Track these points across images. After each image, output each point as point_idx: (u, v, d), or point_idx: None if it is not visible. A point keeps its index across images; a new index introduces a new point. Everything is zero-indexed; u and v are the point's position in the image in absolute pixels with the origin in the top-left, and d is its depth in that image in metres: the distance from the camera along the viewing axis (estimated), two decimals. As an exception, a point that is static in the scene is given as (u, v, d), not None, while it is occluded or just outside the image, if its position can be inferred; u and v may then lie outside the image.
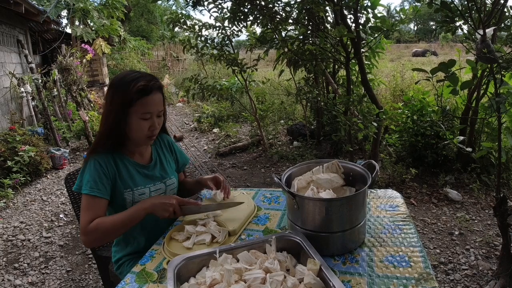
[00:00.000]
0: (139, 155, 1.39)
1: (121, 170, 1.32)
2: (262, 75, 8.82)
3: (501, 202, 1.79)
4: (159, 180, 1.40)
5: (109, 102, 1.25)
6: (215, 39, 4.32)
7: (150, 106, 1.23)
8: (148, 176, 1.38)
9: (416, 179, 3.45)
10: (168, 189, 1.43)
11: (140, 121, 1.24)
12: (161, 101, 1.28)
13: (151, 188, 1.37)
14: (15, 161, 4.00)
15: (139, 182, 1.34)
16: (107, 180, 1.26)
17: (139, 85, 1.20)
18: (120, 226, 1.20)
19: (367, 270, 1.00)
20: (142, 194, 1.34)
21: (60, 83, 5.97)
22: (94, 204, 1.22)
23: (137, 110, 1.22)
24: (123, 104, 1.21)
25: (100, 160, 1.27)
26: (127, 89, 1.20)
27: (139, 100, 1.21)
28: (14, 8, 5.08)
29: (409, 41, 36.84)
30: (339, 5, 2.91)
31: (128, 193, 1.31)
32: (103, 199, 1.24)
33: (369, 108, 3.59)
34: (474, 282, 2.12)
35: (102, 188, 1.24)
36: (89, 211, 1.21)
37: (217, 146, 5.36)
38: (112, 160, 1.30)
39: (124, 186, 1.31)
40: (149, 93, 1.22)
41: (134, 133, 1.27)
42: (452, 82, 1.50)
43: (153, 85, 1.23)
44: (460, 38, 3.30)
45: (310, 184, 1.18)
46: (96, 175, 1.24)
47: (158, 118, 1.29)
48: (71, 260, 2.68)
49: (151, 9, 18.99)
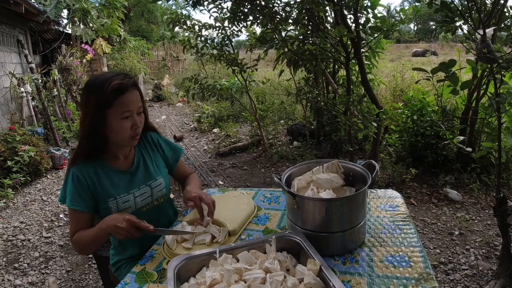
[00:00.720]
0: (124, 159, 1.34)
1: (102, 180, 1.27)
2: (262, 75, 8.82)
3: (501, 202, 1.79)
4: (143, 183, 1.35)
5: (85, 107, 1.21)
6: (215, 39, 4.32)
7: (129, 104, 1.19)
8: (131, 181, 1.33)
9: (416, 179, 3.45)
10: (154, 191, 1.37)
11: (121, 121, 1.19)
12: (138, 98, 1.24)
13: (135, 193, 1.32)
14: (15, 161, 4.00)
15: (122, 189, 1.30)
16: (87, 193, 1.24)
17: (113, 84, 1.16)
18: (91, 242, 1.22)
19: (367, 270, 1.00)
20: (126, 201, 1.30)
21: (60, 83, 5.97)
22: (77, 218, 1.25)
23: (116, 111, 1.18)
24: (99, 105, 1.16)
25: (78, 173, 1.24)
26: (102, 89, 1.16)
27: (116, 100, 1.17)
28: (14, 8, 5.08)
29: (409, 41, 36.85)
30: (339, 5, 2.91)
31: (112, 202, 1.27)
32: (84, 212, 1.25)
33: (369, 108, 3.59)
34: (474, 282, 2.12)
35: (81, 202, 1.23)
36: (72, 224, 1.26)
37: (217, 146, 5.36)
38: (93, 170, 1.26)
39: (107, 195, 1.27)
40: (125, 91, 1.18)
41: (117, 135, 1.22)
42: (452, 82, 1.50)
43: (127, 83, 1.20)
44: (460, 38, 3.30)
45: (310, 184, 1.18)
46: (75, 189, 1.23)
47: (138, 115, 1.25)
48: (71, 260, 2.68)
49: (151, 9, 19.03)
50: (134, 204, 1.32)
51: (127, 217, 1.13)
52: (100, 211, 1.29)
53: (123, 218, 1.13)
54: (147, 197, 1.36)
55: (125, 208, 1.29)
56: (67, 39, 8.06)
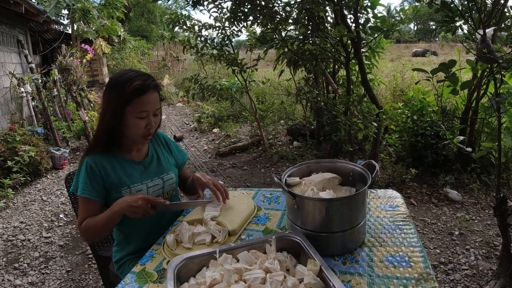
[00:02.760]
0: (137, 152, 1.40)
1: (117, 169, 1.32)
2: (262, 75, 8.82)
3: (501, 202, 1.79)
4: (156, 176, 1.40)
5: (106, 102, 1.27)
6: (215, 39, 4.32)
7: (147, 105, 1.24)
8: (145, 172, 1.38)
9: (416, 179, 3.45)
10: (166, 184, 1.43)
11: (136, 120, 1.24)
12: (157, 100, 1.28)
13: (148, 184, 1.37)
14: (15, 161, 3.99)
15: (136, 179, 1.34)
16: (99, 182, 1.28)
17: (135, 85, 1.21)
18: (101, 227, 1.26)
19: (367, 270, 1.00)
20: (140, 191, 1.34)
21: (60, 83, 5.97)
22: (87, 206, 1.28)
23: (133, 109, 1.23)
24: (120, 103, 1.22)
25: (92, 162, 1.28)
26: (123, 88, 1.21)
27: (135, 99, 1.22)
28: (14, 8, 5.08)
29: (409, 41, 36.86)
30: (339, 5, 2.91)
31: (125, 190, 1.31)
32: (95, 201, 1.28)
33: (369, 108, 3.59)
34: (474, 282, 2.12)
35: (93, 191, 1.27)
36: (82, 212, 1.29)
37: (217, 146, 5.36)
38: (107, 160, 1.31)
39: (121, 184, 1.31)
40: (145, 92, 1.23)
41: (131, 132, 1.28)
42: (452, 82, 1.50)
43: (149, 84, 1.24)
44: (460, 38, 3.30)
45: (303, 182, 1.19)
46: (88, 178, 1.27)
47: (154, 116, 1.29)
48: (71, 260, 2.67)
49: (151, 9, 19.02)
50: (147, 194, 1.35)
51: (141, 196, 1.20)
52: (111, 201, 1.30)
53: (137, 197, 1.19)
54: (159, 188, 1.40)
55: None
56: (67, 39, 8.05)
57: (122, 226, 1.39)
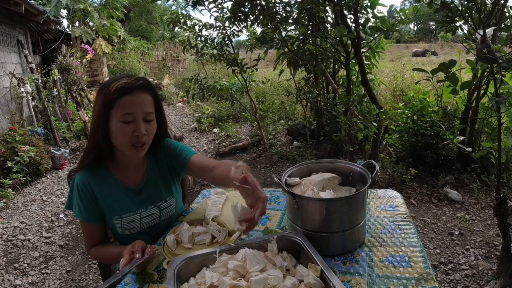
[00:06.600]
0: (134, 171, 1.24)
1: (106, 195, 1.19)
2: (262, 75, 8.82)
3: (501, 202, 1.79)
4: (152, 204, 1.26)
5: (94, 108, 1.15)
6: (215, 39, 4.32)
7: (131, 107, 1.08)
8: (139, 200, 1.24)
9: (416, 179, 3.45)
10: (163, 213, 1.28)
11: (121, 124, 1.08)
12: (147, 103, 1.12)
13: (142, 214, 1.24)
14: (15, 161, 4.00)
15: (128, 208, 1.21)
16: (92, 206, 1.19)
17: (118, 84, 1.08)
18: (112, 260, 1.26)
19: (367, 270, 1.00)
20: (132, 221, 1.22)
21: (60, 83, 5.97)
22: (87, 229, 1.24)
23: (117, 111, 1.08)
24: (104, 104, 1.09)
25: (81, 184, 1.17)
26: (108, 89, 1.08)
27: (118, 100, 1.07)
28: (14, 8, 5.08)
29: (409, 41, 36.86)
30: (339, 5, 2.91)
31: (116, 220, 1.21)
32: (93, 224, 1.22)
33: (369, 108, 3.59)
34: (474, 282, 2.12)
35: (86, 214, 1.19)
36: (85, 235, 1.26)
37: (217, 146, 5.36)
38: (95, 183, 1.18)
39: (111, 212, 1.20)
40: (129, 91, 1.08)
41: (118, 140, 1.12)
42: (452, 82, 1.50)
43: (134, 83, 1.09)
44: (460, 38, 3.30)
45: (303, 182, 1.19)
46: (80, 200, 1.18)
47: (146, 123, 1.12)
48: (71, 260, 2.67)
49: (150, 9, 19.01)
50: (140, 225, 1.25)
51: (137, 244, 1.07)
52: (107, 223, 1.26)
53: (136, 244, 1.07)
54: (154, 218, 1.28)
55: (130, 228, 1.24)
56: (67, 39, 8.06)
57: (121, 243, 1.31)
